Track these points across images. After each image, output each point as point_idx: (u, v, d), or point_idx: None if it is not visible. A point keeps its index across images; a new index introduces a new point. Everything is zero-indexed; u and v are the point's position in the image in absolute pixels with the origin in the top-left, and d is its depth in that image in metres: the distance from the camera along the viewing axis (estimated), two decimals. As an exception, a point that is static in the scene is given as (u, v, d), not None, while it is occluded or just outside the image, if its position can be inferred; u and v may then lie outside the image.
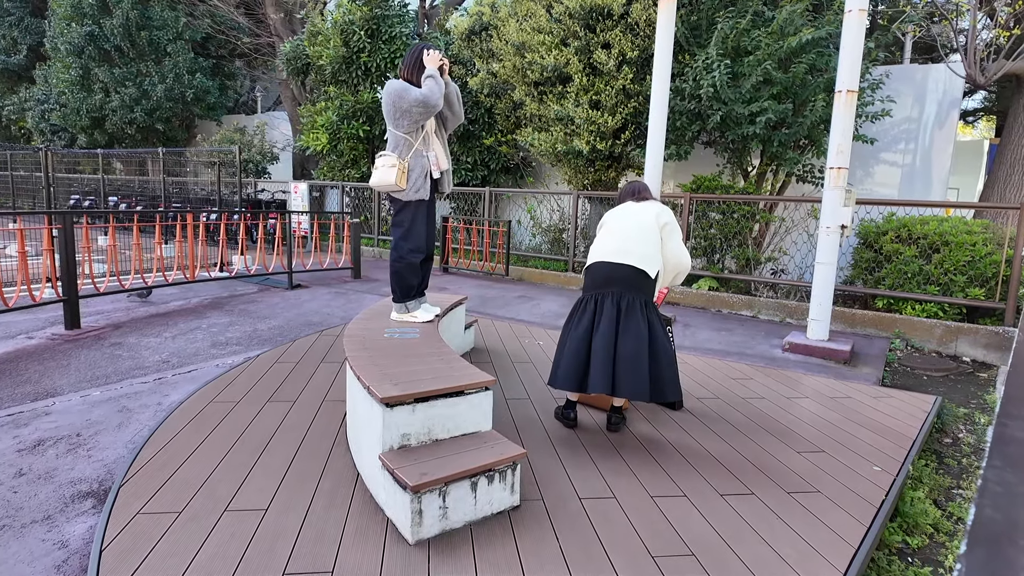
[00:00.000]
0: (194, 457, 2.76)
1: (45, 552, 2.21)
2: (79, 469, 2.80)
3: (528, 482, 2.60)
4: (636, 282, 2.97)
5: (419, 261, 3.54)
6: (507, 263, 8.79)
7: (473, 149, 10.25)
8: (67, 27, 14.05)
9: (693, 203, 7.46)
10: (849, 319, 6.15)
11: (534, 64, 8.03)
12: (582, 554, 2.11)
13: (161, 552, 2.04)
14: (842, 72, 5.00)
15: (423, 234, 3.53)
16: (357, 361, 2.70)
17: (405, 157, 3.38)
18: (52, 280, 5.13)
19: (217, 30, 15.05)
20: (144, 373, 4.17)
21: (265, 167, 13.59)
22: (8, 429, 3.18)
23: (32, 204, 16.56)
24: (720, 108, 6.85)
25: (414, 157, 3.41)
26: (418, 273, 3.58)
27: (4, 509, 2.46)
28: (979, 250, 5.68)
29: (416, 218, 3.50)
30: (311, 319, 5.88)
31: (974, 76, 6.36)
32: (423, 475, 2.14)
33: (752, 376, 4.38)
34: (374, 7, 10.31)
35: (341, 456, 2.82)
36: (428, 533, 2.15)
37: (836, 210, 5.13)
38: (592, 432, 3.23)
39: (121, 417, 3.37)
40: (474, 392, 2.52)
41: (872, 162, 8.48)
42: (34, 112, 16.42)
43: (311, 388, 3.76)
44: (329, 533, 2.18)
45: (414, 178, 3.41)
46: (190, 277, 6.67)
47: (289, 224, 7.66)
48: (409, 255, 3.52)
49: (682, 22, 7.36)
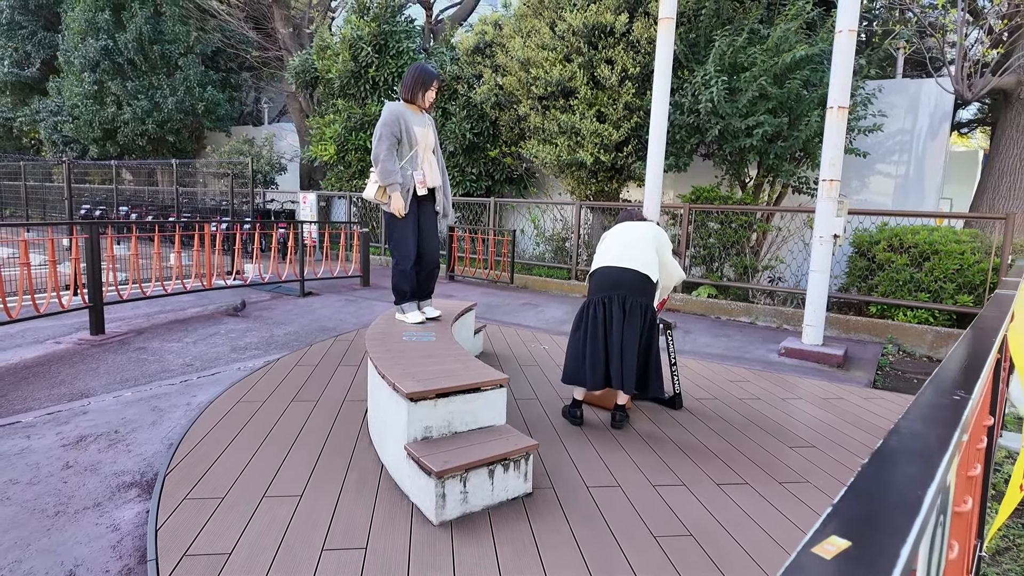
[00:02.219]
0: (229, 451, 2.97)
1: (100, 534, 2.42)
2: (121, 462, 3.01)
3: (539, 473, 2.81)
4: (640, 286, 3.22)
5: (408, 268, 3.79)
6: (511, 271, 9.02)
7: (478, 160, 10.52)
8: (81, 41, 14.39)
9: (692, 213, 7.70)
10: (844, 325, 6.36)
11: (539, 79, 8.30)
12: (591, 534, 2.32)
13: (210, 532, 2.25)
14: (833, 89, 5.24)
15: (411, 244, 3.78)
16: (381, 361, 2.92)
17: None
18: (79, 287, 5.36)
19: (227, 44, 15.39)
20: (170, 376, 4.39)
21: (273, 177, 13.87)
22: (51, 426, 3.40)
23: (43, 213, 16.85)
24: (718, 122, 7.11)
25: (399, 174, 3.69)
26: (409, 279, 3.84)
27: (57, 497, 2.67)
28: (967, 258, 5.91)
29: (402, 230, 3.75)
30: (325, 325, 6.10)
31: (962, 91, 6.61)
32: (446, 463, 2.35)
33: (749, 379, 4.59)
34: (382, 23, 10.62)
35: (365, 450, 3.04)
36: (451, 515, 2.36)
37: (829, 220, 5.36)
38: (597, 429, 3.45)
39: (154, 416, 3.59)
40: (490, 389, 2.74)
41: (868, 173, 8.73)
42: (46, 123, 16.75)
43: (331, 389, 3.97)
44: (359, 517, 2.39)
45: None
46: (207, 285, 6.91)
47: (300, 233, 7.91)
48: (400, 262, 3.80)
49: (681, 39, 7.63)
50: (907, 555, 0.51)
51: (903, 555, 0.51)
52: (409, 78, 3.77)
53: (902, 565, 0.50)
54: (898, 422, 0.85)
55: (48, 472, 2.88)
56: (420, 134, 3.75)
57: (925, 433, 0.79)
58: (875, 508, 0.59)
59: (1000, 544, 2.74)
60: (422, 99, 3.79)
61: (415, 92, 3.76)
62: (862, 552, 0.51)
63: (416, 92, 3.76)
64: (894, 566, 0.49)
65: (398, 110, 3.67)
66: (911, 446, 0.74)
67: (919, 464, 0.68)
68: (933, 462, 0.69)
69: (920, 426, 0.82)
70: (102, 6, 14.20)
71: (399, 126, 3.64)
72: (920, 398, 0.99)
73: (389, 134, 3.60)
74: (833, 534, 0.54)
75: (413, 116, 3.74)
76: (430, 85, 3.78)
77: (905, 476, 0.66)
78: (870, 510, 0.58)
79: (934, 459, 0.70)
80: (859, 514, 0.58)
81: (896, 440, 0.77)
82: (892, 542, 0.52)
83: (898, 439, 0.77)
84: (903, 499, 0.60)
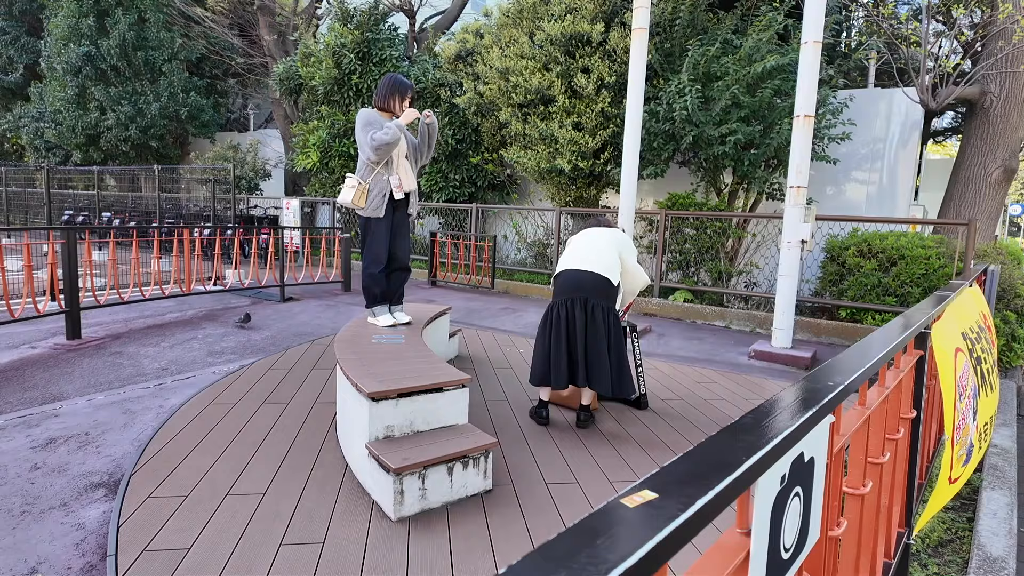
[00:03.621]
0: (197, 451, 3.02)
1: (64, 533, 2.46)
2: (90, 463, 3.05)
3: (500, 470, 2.89)
4: (601, 288, 3.31)
5: (378, 271, 3.88)
6: (492, 276, 9.11)
7: (461, 167, 10.61)
8: (64, 47, 14.36)
9: (668, 219, 7.83)
10: (815, 328, 6.50)
11: (519, 87, 8.43)
12: (545, 530, 2.40)
13: (171, 528, 2.30)
14: (799, 99, 5.39)
15: (383, 248, 3.86)
16: (346, 362, 2.99)
17: (367, 179, 3.76)
18: (55, 292, 5.37)
19: (211, 50, 15.42)
20: (145, 379, 4.42)
21: (258, 183, 13.88)
22: (21, 429, 3.42)
23: (24, 219, 16.72)
24: (692, 130, 7.25)
25: (375, 179, 3.77)
26: (379, 282, 3.92)
27: (24, 498, 2.71)
28: (932, 263, 6.07)
29: (376, 233, 3.83)
30: (302, 330, 6.14)
31: (926, 101, 6.80)
32: (405, 460, 2.42)
33: (716, 380, 4.70)
34: (365, 31, 10.71)
35: (332, 450, 3.10)
36: (409, 511, 2.43)
37: (796, 226, 5.50)
38: (563, 428, 3.53)
39: (126, 418, 3.62)
40: (452, 389, 2.81)
41: (842, 180, 8.93)
42: (28, 129, 16.65)
43: (303, 392, 4.03)
44: (320, 513, 2.45)
45: (372, 197, 3.77)
46: (186, 290, 6.93)
47: (281, 239, 7.94)
48: (369, 266, 3.88)
49: (656, 49, 7.79)
50: (703, 504, 0.60)
51: (698, 504, 0.59)
52: (384, 87, 3.85)
53: (693, 511, 0.58)
54: (766, 401, 0.94)
55: (16, 473, 2.91)
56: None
57: (781, 412, 0.88)
58: (694, 469, 0.67)
59: (944, 536, 2.84)
60: (397, 107, 3.87)
61: (390, 101, 3.84)
62: (663, 502, 0.60)
63: (391, 101, 3.84)
64: (683, 512, 0.57)
65: (375, 116, 3.75)
66: (760, 421, 0.83)
67: (756, 436, 0.77)
68: (769, 435, 0.78)
69: (781, 405, 0.91)
70: (86, 12, 14.19)
71: (381, 127, 3.72)
72: (803, 382, 1.08)
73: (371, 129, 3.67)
74: (647, 489, 0.63)
75: (388, 124, 3.82)
76: (405, 95, 3.87)
77: (738, 445, 0.74)
78: (689, 470, 0.67)
79: (771, 433, 0.78)
80: (679, 474, 0.66)
81: (752, 417, 0.85)
82: (691, 493, 0.61)
83: (754, 416, 0.86)
84: (723, 462, 0.69)
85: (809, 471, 0.95)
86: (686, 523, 0.56)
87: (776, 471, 0.80)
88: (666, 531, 0.53)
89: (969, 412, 2.20)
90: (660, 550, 0.52)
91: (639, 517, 0.56)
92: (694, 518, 0.57)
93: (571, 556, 0.49)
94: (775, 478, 0.80)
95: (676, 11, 7.71)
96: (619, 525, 0.55)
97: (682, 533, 0.55)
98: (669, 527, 0.54)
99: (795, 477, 0.88)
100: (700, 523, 0.59)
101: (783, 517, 0.86)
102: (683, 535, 0.56)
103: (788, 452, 0.83)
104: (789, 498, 0.87)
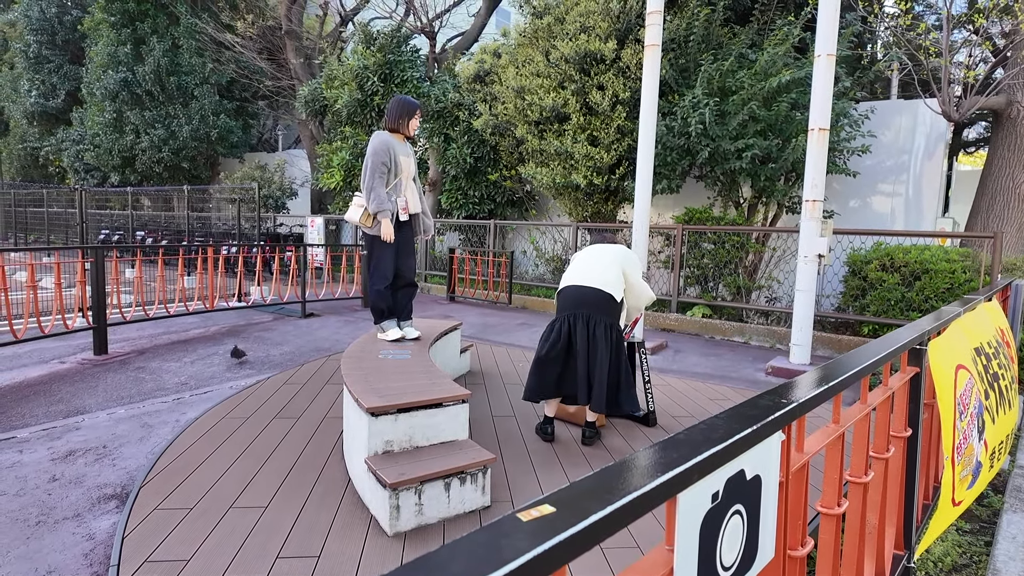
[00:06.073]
0: (205, 464, 3.10)
1: (75, 543, 2.54)
2: (105, 475, 3.15)
3: (501, 486, 2.89)
4: (603, 304, 3.31)
5: (383, 288, 3.95)
6: (510, 292, 9.14)
7: (480, 184, 10.73)
8: (103, 73, 15.02)
9: (685, 234, 7.78)
10: (836, 344, 6.36)
11: (534, 105, 8.51)
12: (540, 546, 2.39)
13: (173, 540, 2.36)
14: (814, 112, 5.34)
15: (390, 265, 3.93)
16: (350, 377, 3.04)
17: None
18: (84, 309, 5.58)
19: (241, 74, 15.95)
20: (165, 394, 4.55)
21: (284, 202, 14.23)
22: (43, 441, 3.56)
23: (65, 238, 17.41)
24: (708, 144, 7.22)
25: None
26: (385, 298, 3.99)
27: (40, 508, 2.81)
28: (958, 277, 5.90)
29: (382, 252, 3.90)
30: (321, 345, 6.25)
31: (949, 112, 6.66)
32: (401, 475, 2.45)
33: (731, 397, 4.62)
34: (387, 53, 10.97)
35: (336, 464, 3.14)
36: (405, 527, 2.45)
37: (813, 240, 5.42)
38: (567, 445, 3.51)
39: (143, 432, 3.73)
40: (452, 404, 2.83)
41: (866, 193, 8.76)
42: (70, 152, 17.41)
43: (314, 407, 4.10)
44: (319, 526, 2.49)
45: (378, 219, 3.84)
46: (210, 306, 7.12)
47: (304, 256, 8.12)
48: (376, 283, 3.95)
49: (670, 64, 7.80)
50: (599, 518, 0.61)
51: (591, 519, 0.61)
52: (394, 109, 3.95)
53: (584, 525, 0.60)
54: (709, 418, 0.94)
55: (35, 484, 3.03)
56: (405, 163, 3.93)
57: (718, 429, 0.88)
58: (602, 484, 0.69)
59: (958, 560, 2.74)
60: (406, 127, 3.96)
61: (400, 121, 3.94)
62: (557, 515, 0.61)
63: (401, 121, 3.94)
64: (572, 526, 0.59)
65: (387, 140, 3.84)
66: (692, 438, 0.83)
67: (682, 452, 0.78)
68: (697, 452, 0.78)
69: (721, 423, 0.91)
70: (123, 40, 14.85)
71: (389, 156, 3.81)
72: (755, 398, 1.08)
73: (380, 164, 3.77)
74: (547, 503, 0.64)
75: (399, 145, 3.92)
76: (413, 114, 3.97)
77: (661, 462, 0.75)
78: (597, 486, 0.68)
79: (700, 450, 0.79)
80: (583, 489, 0.68)
81: (686, 433, 0.86)
82: (588, 507, 0.62)
83: (687, 433, 0.86)
84: (633, 479, 0.70)
85: (754, 489, 0.95)
86: (572, 538, 0.57)
87: (703, 488, 0.80)
88: (546, 545, 0.55)
89: (972, 431, 2.13)
90: (538, 563, 0.53)
91: (528, 531, 0.58)
92: (583, 533, 0.59)
93: (440, 569, 0.51)
94: (703, 495, 0.81)
95: (690, 27, 7.73)
96: (506, 537, 0.57)
97: (567, 547, 0.57)
98: (550, 541, 0.55)
99: (733, 495, 0.89)
100: (593, 538, 0.60)
101: (719, 535, 0.86)
102: (569, 549, 0.57)
103: (720, 469, 0.83)
104: (726, 516, 0.88)
